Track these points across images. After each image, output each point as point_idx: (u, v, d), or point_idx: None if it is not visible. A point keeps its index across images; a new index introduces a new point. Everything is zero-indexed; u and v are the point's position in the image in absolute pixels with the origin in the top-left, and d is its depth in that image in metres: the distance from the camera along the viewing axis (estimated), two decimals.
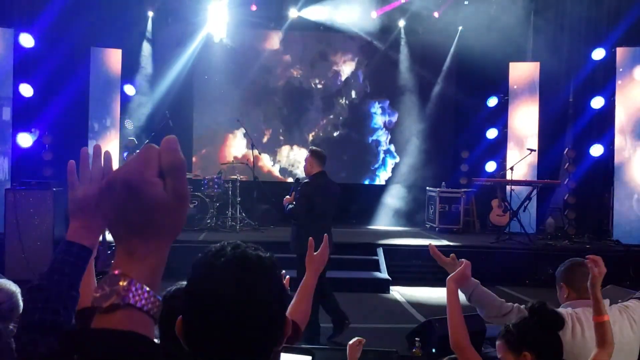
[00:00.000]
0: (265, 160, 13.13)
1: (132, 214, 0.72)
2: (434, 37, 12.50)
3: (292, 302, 2.26)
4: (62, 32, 10.54)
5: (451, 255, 2.86)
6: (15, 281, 7.62)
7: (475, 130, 12.54)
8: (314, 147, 6.41)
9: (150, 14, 12.19)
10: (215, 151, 13.08)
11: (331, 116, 13.51)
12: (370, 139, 13.57)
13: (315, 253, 2.36)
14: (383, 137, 13.57)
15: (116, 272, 0.72)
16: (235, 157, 12.15)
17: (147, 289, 0.72)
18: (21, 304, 2.32)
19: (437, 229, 11.45)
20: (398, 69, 13.08)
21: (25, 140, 10.20)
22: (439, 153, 12.84)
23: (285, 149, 13.38)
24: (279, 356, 1.59)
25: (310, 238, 2.41)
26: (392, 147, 13.51)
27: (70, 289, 1.26)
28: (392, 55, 13.12)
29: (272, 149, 13.28)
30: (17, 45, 10.21)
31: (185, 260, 1.29)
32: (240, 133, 12.77)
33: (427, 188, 12.06)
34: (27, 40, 10.38)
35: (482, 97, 12.51)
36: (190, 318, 1.10)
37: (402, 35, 13.02)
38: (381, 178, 13.45)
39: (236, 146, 13.13)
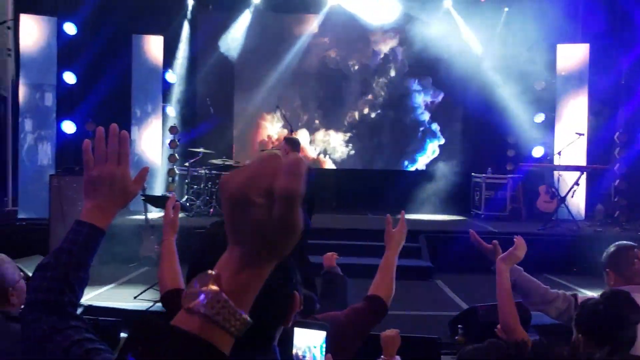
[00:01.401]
0: (304, 146, 13.06)
1: (235, 224, 0.69)
2: (479, 19, 12.19)
3: (375, 279, 2.32)
4: (104, 20, 10.68)
5: (493, 242, 2.77)
6: None
7: (522, 114, 12.19)
8: (287, 136, 6.79)
9: (191, 0, 12.22)
10: (255, 137, 13.09)
11: (369, 96, 13.32)
12: (410, 120, 13.32)
13: (393, 229, 2.40)
14: (424, 116, 13.31)
15: (212, 272, 0.69)
16: (274, 143, 12.11)
17: (231, 303, 0.68)
18: (9, 278, 2.33)
19: (482, 215, 11.21)
20: (441, 47, 12.80)
21: (69, 127, 10.39)
22: (484, 137, 12.52)
23: (321, 132, 13.29)
24: (292, 331, 1.58)
25: (388, 215, 2.50)
26: (435, 127, 13.24)
27: (78, 270, 1.23)
28: (435, 34, 12.84)
29: (307, 134, 13.20)
30: (60, 34, 10.39)
31: None
32: (279, 118, 12.74)
33: (472, 174, 11.81)
34: (70, 29, 10.54)
35: (529, 79, 12.15)
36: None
37: (447, 15, 12.71)
38: (421, 162, 13.23)
39: (275, 132, 13.11)
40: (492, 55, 12.59)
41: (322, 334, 1.62)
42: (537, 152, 12.05)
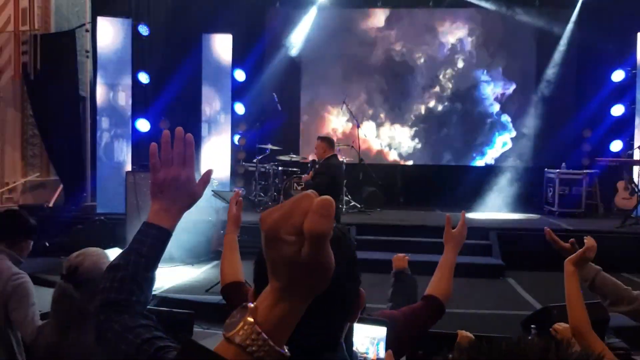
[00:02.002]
0: (370, 141, 12.99)
1: (270, 260, 0.71)
2: (553, 7, 11.77)
3: (433, 279, 2.26)
4: (175, 20, 10.97)
5: (570, 240, 2.65)
6: None
7: (599, 107, 11.69)
8: (322, 135, 7.25)
9: None
10: (320, 130, 13.14)
11: (436, 89, 13.10)
12: (478, 112, 13.02)
13: (453, 230, 2.35)
14: (494, 109, 12.97)
15: (252, 304, 0.72)
16: (339, 138, 12.13)
17: (265, 336, 0.70)
18: None
19: (556, 212, 10.82)
20: (512, 36, 12.43)
21: (143, 125, 10.74)
22: (558, 131, 12.07)
23: (387, 126, 13.19)
24: (353, 327, 1.57)
25: (447, 214, 2.42)
26: (505, 120, 12.88)
27: (147, 271, 1.26)
28: (507, 23, 12.49)
29: (373, 128, 13.12)
30: (134, 35, 10.74)
31: None
32: (345, 114, 12.73)
33: (546, 169, 11.41)
34: (143, 29, 10.89)
35: (606, 70, 11.63)
36: (260, 288, 1.08)
37: (518, 3, 12.33)
38: (490, 156, 12.90)
39: (340, 125, 13.11)
40: (567, 45, 12.14)
41: (383, 330, 1.61)
42: (615, 146, 11.55)
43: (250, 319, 0.70)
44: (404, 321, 2.07)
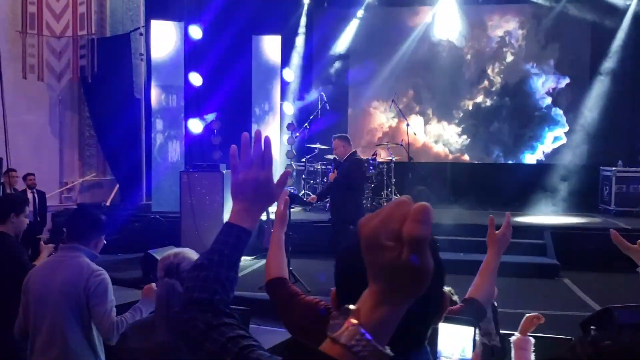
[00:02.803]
0: (418, 138, 12.89)
1: (370, 264, 0.75)
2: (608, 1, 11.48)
3: (475, 281, 2.23)
4: (226, 22, 11.14)
5: (638, 241, 2.56)
6: None
7: None
8: (339, 134, 7.30)
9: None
10: (367, 126, 13.13)
11: (484, 84, 12.91)
12: (528, 107, 12.76)
13: (496, 232, 2.30)
14: (544, 103, 12.69)
15: (354, 306, 0.76)
16: (385, 132, 12.08)
17: (368, 337, 0.74)
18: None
19: (613, 211, 10.53)
20: (565, 29, 12.14)
21: (195, 126, 10.95)
22: (614, 127, 11.74)
23: (434, 123, 13.07)
24: (438, 327, 1.56)
25: (491, 216, 2.33)
26: (557, 115, 12.59)
27: (229, 270, 1.29)
28: (559, 15, 12.23)
29: (421, 125, 13.02)
30: (187, 37, 10.96)
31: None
32: (392, 111, 12.69)
33: (601, 167, 11.11)
34: (195, 32, 11.10)
35: None
36: (344, 289, 1.11)
37: None
38: (540, 151, 12.64)
39: (387, 123, 13.07)
40: (624, 39, 11.79)
41: (471, 330, 1.59)
42: None
43: (354, 321, 0.74)
44: None
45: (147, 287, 3.30)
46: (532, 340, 2.58)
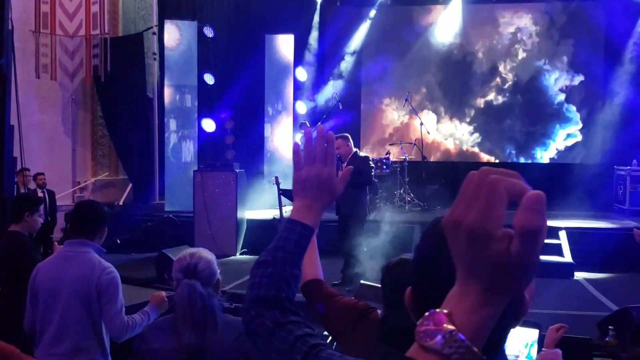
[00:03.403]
0: (430, 136, 12.83)
1: (473, 260, 0.67)
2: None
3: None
4: (238, 21, 11.15)
5: None
6: None
7: None
8: (340, 134, 7.35)
9: None
10: (382, 129, 13.10)
11: (496, 81, 12.83)
12: (540, 104, 12.62)
13: None
14: (557, 100, 12.59)
15: (445, 310, 0.69)
16: (397, 130, 12.04)
17: (469, 343, 0.67)
18: (217, 269, 2.44)
19: (627, 210, 10.44)
20: (579, 26, 12.04)
21: (209, 125, 10.96)
22: (628, 126, 11.62)
23: (446, 121, 13.02)
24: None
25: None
26: (570, 112, 12.50)
27: (293, 267, 1.27)
28: (572, 12, 12.14)
29: (434, 123, 12.97)
30: (200, 37, 10.97)
31: None
32: (405, 109, 12.65)
33: (615, 167, 11.02)
34: (208, 32, 11.11)
35: None
36: (420, 288, 1.07)
37: None
38: (555, 149, 12.55)
39: (399, 121, 13.03)
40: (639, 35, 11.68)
41: (536, 332, 1.57)
42: None
43: (451, 327, 0.67)
44: None
45: (157, 293, 3.32)
46: (560, 352, 2.54)
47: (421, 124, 10.90)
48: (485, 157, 12.89)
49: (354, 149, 7.45)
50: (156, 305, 3.24)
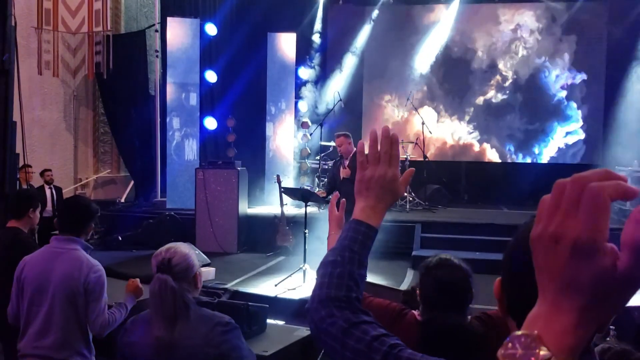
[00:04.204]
0: (432, 136, 12.84)
1: (571, 276, 0.61)
2: None
3: None
4: (241, 19, 11.14)
5: None
6: (204, 253, 8.13)
7: None
8: (341, 132, 7.45)
9: None
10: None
11: (496, 78, 12.81)
12: (541, 102, 12.63)
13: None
14: (557, 98, 12.58)
15: (535, 332, 0.62)
16: (398, 130, 12.04)
17: None
18: (195, 264, 2.43)
19: (628, 211, 10.39)
20: (581, 25, 12.02)
21: (211, 123, 10.96)
22: (629, 126, 11.62)
23: (447, 119, 13.01)
24: None
25: None
26: (571, 110, 12.48)
27: (360, 268, 1.26)
28: (574, 10, 12.13)
29: (434, 121, 12.96)
30: (202, 34, 10.97)
31: None
32: (407, 109, 12.65)
33: (617, 167, 11.00)
34: (211, 29, 11.10)
35: None
36: (517, 302, 0.95)
37: None
38: (555, 147, 12.54)
39: (403, 121, 13.04)
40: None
41: None
42: None
43: (545, 352, 0.61)
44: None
45: (131, 281, 3.40)
46: None
47: (422, 122, 10.89)
48: (486, 156, 12.89)
49: (354, 148, 7.39)
50: (132, 293, 3.33)
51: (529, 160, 12.74)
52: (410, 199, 10.67)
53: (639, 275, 0.60)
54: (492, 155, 12.87)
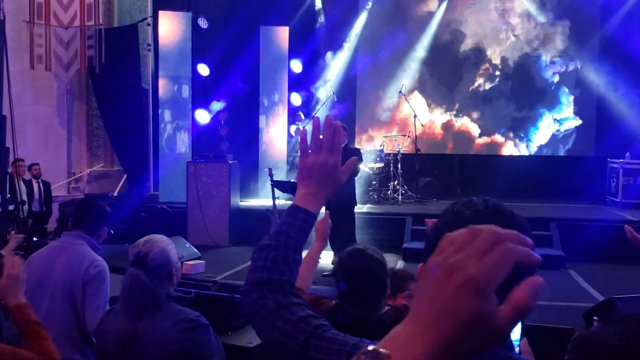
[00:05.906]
0: (424, 128, 12.80)
1: (449, 310, 0.61)
2: None
3: None
4: (233, 12, 11.13)
5: None
6: (195, 246, 8.18)
7: None
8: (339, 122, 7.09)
9: None
10: (376, 121, 13.11)
11: (485, 67, 12.81)
12: (533, 92, 12.61)
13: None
14: (551, 87, 12.58)
15: (388, 352, 0.62)
16: (391, 121, 12.06)
17: None
18: (173, 259, 2.43)
19: (619, 203, 10.48)
20: (574, 13, 12.02)
21: (203, 116, 10.98)
22: (622, 119, 11.65)
23: (437, 110, 13.02)
24: None
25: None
26: (565, 101, 12.49)
27: (295, 253, 1.29)
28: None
29: (426, 113, 12.95)
30: (194, 27, 10.96)
31: None
32: (400, 102, 12.66)
33: (609, 159, 11.05)
34: (203, 23, 11.10)
35: None
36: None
37: None
38: (547, 137, 12.55)
39: (395, 115, 13.04)
40: (634, 24, 11.65)
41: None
42: None
43: None
44: None
45: None
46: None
47: (415, 116, 10.91)
48: (478, 148, 12.91)
49: (346, 141, 7.39)
50: None
51: (523, 146, 12.72)
52: (403, 191, 10.70)
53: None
54: (483, 142, 12.85)
